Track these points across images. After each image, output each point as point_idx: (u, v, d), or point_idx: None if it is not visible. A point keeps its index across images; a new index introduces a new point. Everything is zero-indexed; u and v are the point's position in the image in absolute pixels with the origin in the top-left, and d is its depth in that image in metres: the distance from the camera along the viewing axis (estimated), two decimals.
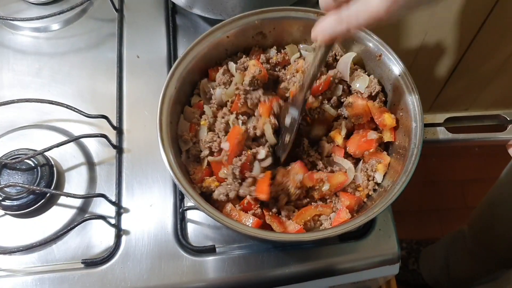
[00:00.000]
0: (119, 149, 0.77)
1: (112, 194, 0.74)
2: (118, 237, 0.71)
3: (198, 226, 0.73)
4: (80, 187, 0.75)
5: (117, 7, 0.90)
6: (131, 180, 0.75)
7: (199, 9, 0.83)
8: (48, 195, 0.73)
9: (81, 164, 0.77)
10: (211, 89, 0.73)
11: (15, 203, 0.71)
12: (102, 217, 0.71)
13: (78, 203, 0.74)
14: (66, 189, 0.75)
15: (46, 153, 0.74)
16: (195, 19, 0.90)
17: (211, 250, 0.71)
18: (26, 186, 0.70)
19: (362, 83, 0.72)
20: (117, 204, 0.73)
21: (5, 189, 0.71)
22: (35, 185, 0.71)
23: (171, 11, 0.90)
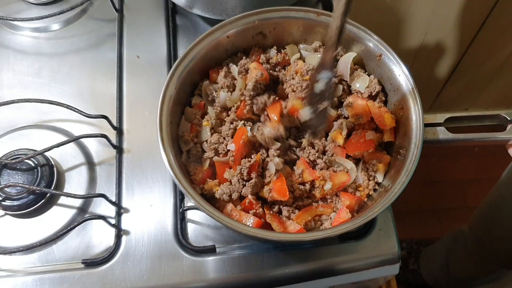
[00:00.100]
0: (119, 149, 0.77)
1: (112, 194, 0.74)
2: (118, 237, 0.71)
3: (198, 226, 0.73)
4: (80, 187, 0.75)
5: (117, 7, 0.90)
6: (131, 180, 0.75)
7: (199, 9, 0.83)
8: (48, 195, 0.73)
9: (81, 164, 0.77)
10: (214, 92, 0.73)
11: (15, 203, 0.71)
12: (102, 217, 0.71)
13: (78, 203, 0.74)
14: (66, 189, 0.75)
15: (46, 153, 0.74)
16: (195, 19, 0.90)
17: (211, 250, 0.71)
18: (26, 186, 0.70)
19: (362, 83, 0.72)
20: (117, 204, 0.73)
21: (5, 189, 0.71)
22: (35, 185, 0.71)
23: (171, 11, 0.90)
